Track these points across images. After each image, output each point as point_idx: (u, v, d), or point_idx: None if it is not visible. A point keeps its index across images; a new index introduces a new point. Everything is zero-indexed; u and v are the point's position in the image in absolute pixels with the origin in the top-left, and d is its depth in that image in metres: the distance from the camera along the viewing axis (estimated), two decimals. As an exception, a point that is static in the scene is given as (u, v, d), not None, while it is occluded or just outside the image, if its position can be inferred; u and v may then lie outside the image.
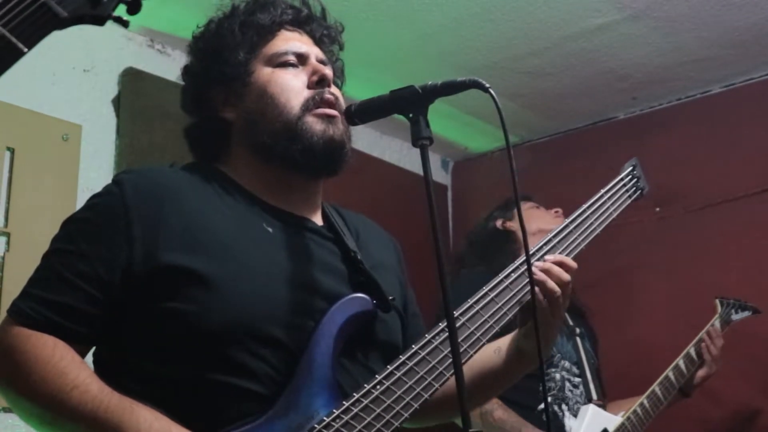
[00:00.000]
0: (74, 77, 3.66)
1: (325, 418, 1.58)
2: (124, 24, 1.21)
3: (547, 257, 1.89)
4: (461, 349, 1.71)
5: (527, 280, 1.83)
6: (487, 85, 1.58)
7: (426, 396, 1.68)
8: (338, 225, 1.91)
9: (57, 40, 3.81)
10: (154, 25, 3.88)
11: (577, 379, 3.28)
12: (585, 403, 3.19)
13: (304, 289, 1.70)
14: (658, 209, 4.48)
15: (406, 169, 5.08)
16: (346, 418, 1.59)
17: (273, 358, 1.62)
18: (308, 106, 1.80)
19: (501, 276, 1.85)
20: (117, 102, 3.78)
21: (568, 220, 2.02)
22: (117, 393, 1.54)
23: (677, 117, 4.73)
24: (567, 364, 3.28)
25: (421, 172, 1.55)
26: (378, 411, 1.61)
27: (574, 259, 1.94)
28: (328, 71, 1.86)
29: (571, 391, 3.24)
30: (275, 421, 1.57)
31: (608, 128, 4.92)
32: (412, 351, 1.69)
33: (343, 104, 1.84)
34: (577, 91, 4.65)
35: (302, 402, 1.59)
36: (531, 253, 1.91)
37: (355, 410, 1.60)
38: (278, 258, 1.72)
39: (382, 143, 5.03)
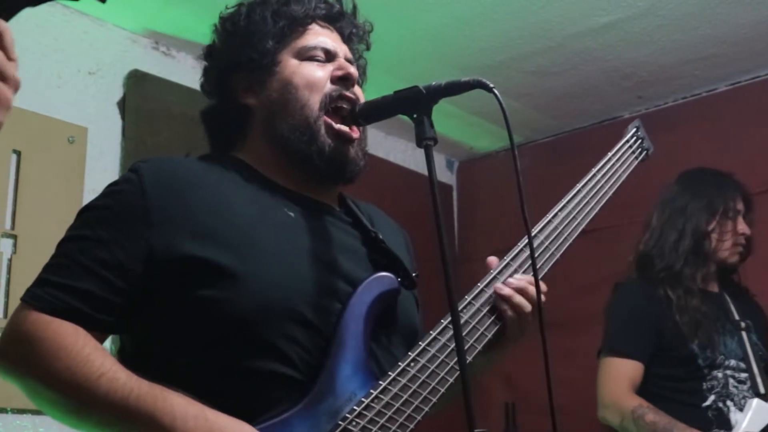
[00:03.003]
0: (79, 80, 3.67)
1: (363, 400, 1.58)
2: None
3: (517, 277, 1.82)
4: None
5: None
6: (491, 85, 1.58)
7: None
8: (355, 209, 1.92)
9: (62, 44, 3.84)
10: (158, 27, 3.89)
11: (744, 375, 3.31)
12: (752, 397, 3.23)
13: (327, 271, 1.70)
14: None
15: (411, 170, 5.08)
16: (384, 398, 1.59)
17: (304, 340, 1.60)
18: (325, 104, 1.79)
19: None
20: (122, 104, 3.79)
21: (579, 186, 2.00)
22: (145, 380, 1.50)
23: (683, 115, 4.72)
24: (733, 362, 3.31)
25: (426, 173, 1.55)
26: (414, 388, 1.62)
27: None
28: (353, 69, 1.84)
29: (736, 387, 3.28)
30: (313, 407, 1.55)
31: (613, 127, 4.91)
32: (443, 326, 1.70)
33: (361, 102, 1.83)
34: (582, 90, 4.65)
35: (338, 386, 1.58)
36: (552, 216, 1.92)
37: (393, 389, 1.60)
38: (301, 242, 1.71)
39: (386, 144, 5.03)
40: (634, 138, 2.20)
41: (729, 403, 3.25)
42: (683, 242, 3.41)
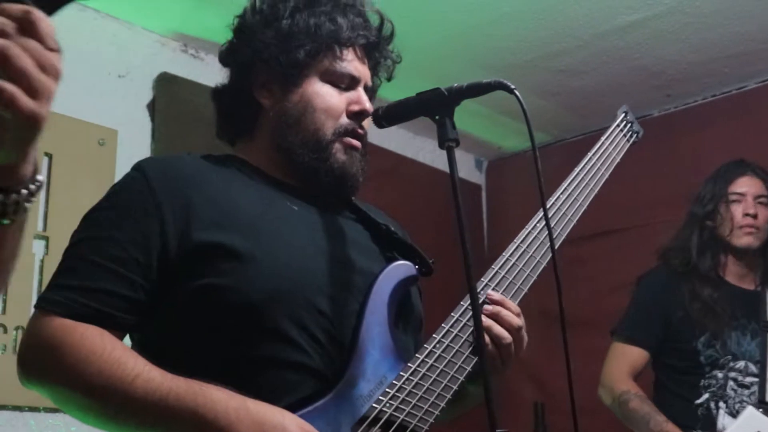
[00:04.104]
0: (109, 83, 3.71)
1: (395, 382, 1.61)
2: None
3: (490, 294, 1.78)
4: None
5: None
6: (512, 87, 1.59)
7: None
8: (360, 207, 1.94)
9: (92, 47, 3.87)
10: (187, 30, 3.92)
11: (750, 379, 3.33)
12: (754, 403, 3.24)
13: (337, 263, 1.72)
14: (693, 206, 4.45)
15: (440, 170, 5.08)
16: (414, 379, 1.62)
17: (314, 328, 1.62)
18: (339, 133, 1.80)
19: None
20: (152, 107, 3.83)
21: (578, 169, 2.06)
22: (180, 377, 1.49)
23: (712, 113, 4.69)
24: (741, 364, 3.34)
25: None
26: (441, 368, 1.65)
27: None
28: (369, 106, 1.84)
29: (734, 390, 3.31)
30: (347, 393, 1.58)
31: (642, 125, 4.81)
32: (463, 308, 1.74)
33: (367, 137, 1.87)
34: (610, 89, 4.63)
35: (369, 370, 1.61)
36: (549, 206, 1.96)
37: (422, 371, 1.63)
38: (307, 233, 1.74)
39: (415, 144, 5.04)
40: (624, 122, 2.26)
41: (721, 404, 3.30)
42: (695, 235, 3.50)
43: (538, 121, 5.12)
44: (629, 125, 2.26)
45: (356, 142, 1.82)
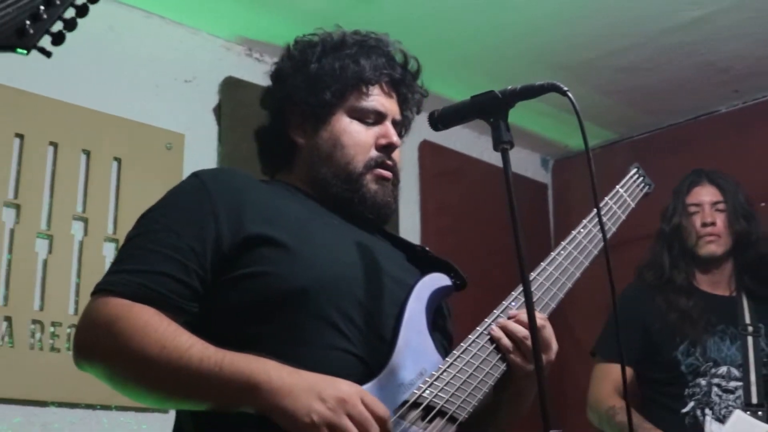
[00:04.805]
0: (176, 88, 3.78)
1: (434, 373, 1.69)
2: (47, 54, 1.25)
3: (511, 312, 1.83)
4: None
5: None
6: (565, 88, 1.62)
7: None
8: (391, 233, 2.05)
9: (159, 53, 3.93)
10: (251, 34, 3.98)
11: (734, 384, 3.35)
12: (741, 407, 3.27)
13: (376, 270, 1.80)
14: (763, 204, 4.39)
15: (506, 169, 5.06)
16: (453, 372, 1.70)
17: (357, 318, 1.70)
18: (370, 166, 1.92)
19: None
20: (218, 111, 3.89)
21: (596, 210, 2.13)
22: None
23: (782, 109, 4.62)
24: (723, 369, 3.37)
25: (520, 172, 1.61)
26: (477, 364, 1.73)
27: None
28: (396, 139, 1.95)
29: (719, 396, 3.34)
30: (388, 380, 1.66)
31: (710, 122, 4.82)
32: (503, 308, 1.83)
33: (399, 167, 1.98)
34: (677, 85, 4.58)
35: (409, 362, 1.70)
36: (570, 240, 2.07)
37: (460, 365, 1.71)
38: (348, 241, 1.83)
39: (480, 144, 5.02)
40: (637, 175, 2.36)
41: (707, 411, 3.31)
42: (665, 251, 3.58)
43: (603, 119, 5.10)
44: (642, 178, 2.36)
45: (387, 173, 1.93)
